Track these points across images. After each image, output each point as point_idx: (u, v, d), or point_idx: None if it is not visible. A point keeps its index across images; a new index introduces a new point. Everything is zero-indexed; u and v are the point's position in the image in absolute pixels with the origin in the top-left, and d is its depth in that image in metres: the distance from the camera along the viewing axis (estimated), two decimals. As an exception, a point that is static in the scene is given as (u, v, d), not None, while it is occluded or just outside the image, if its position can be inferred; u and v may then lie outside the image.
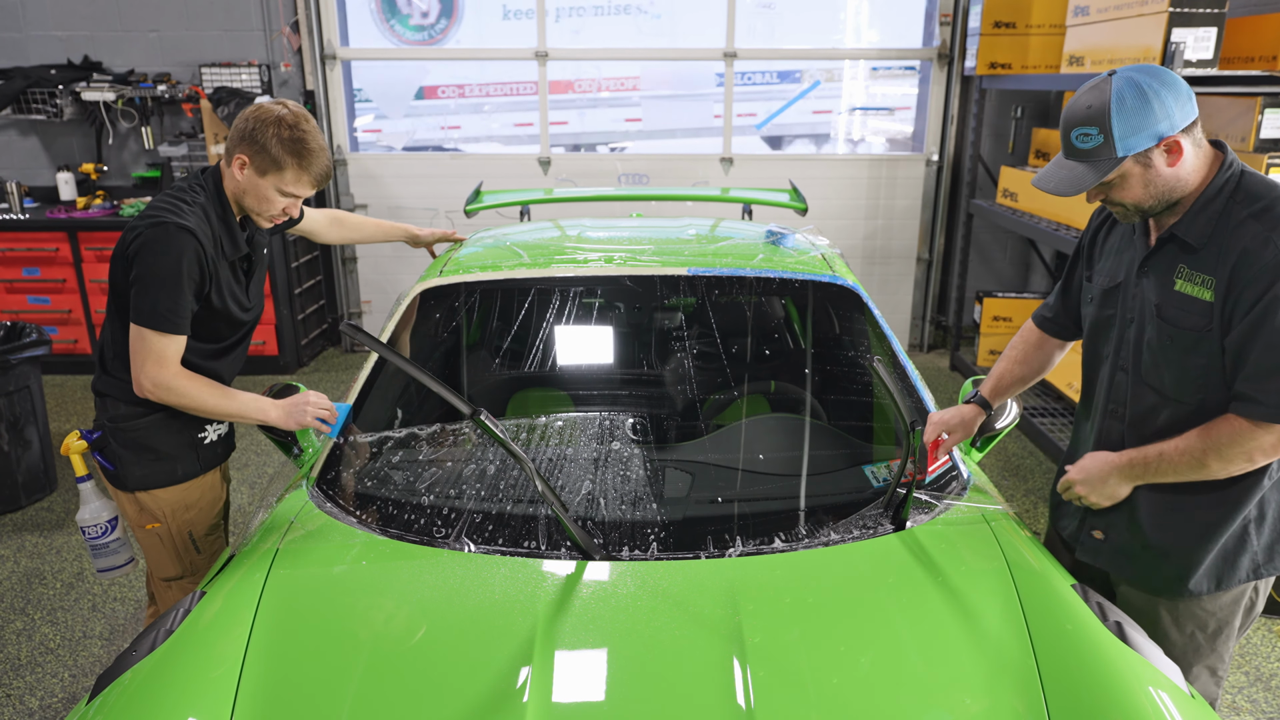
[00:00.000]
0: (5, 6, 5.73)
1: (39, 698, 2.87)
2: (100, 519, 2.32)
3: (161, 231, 2.04)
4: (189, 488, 2.30)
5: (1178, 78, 1.68)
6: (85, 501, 2.32)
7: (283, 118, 2.08)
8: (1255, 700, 2.87)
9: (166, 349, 2.08)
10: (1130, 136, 1.65)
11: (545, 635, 1.59)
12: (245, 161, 2.11)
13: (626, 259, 2.61)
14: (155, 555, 2.34)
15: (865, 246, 6.34)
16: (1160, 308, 1.78)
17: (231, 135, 2.12)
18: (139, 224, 2.08)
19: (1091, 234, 2.04)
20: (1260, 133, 3.59)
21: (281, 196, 2.15)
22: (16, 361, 3.90)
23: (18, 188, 5.69)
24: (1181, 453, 1.75)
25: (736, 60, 6.03)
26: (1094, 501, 1.89)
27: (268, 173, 2.10)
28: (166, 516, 2.28)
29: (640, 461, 2.13)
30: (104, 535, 2.33)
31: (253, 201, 2.16)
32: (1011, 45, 5.19)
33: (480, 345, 2.82)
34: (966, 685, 1.53)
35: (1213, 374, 1.73)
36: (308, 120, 2.12)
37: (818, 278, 2.59)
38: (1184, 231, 1.74)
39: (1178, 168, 1.70)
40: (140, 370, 2.08)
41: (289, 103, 2.15)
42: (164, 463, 2.25)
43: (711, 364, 2.62)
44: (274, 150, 2.07)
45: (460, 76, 7.13)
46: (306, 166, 2.11)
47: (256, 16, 5.79)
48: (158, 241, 2.04)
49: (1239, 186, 1.72)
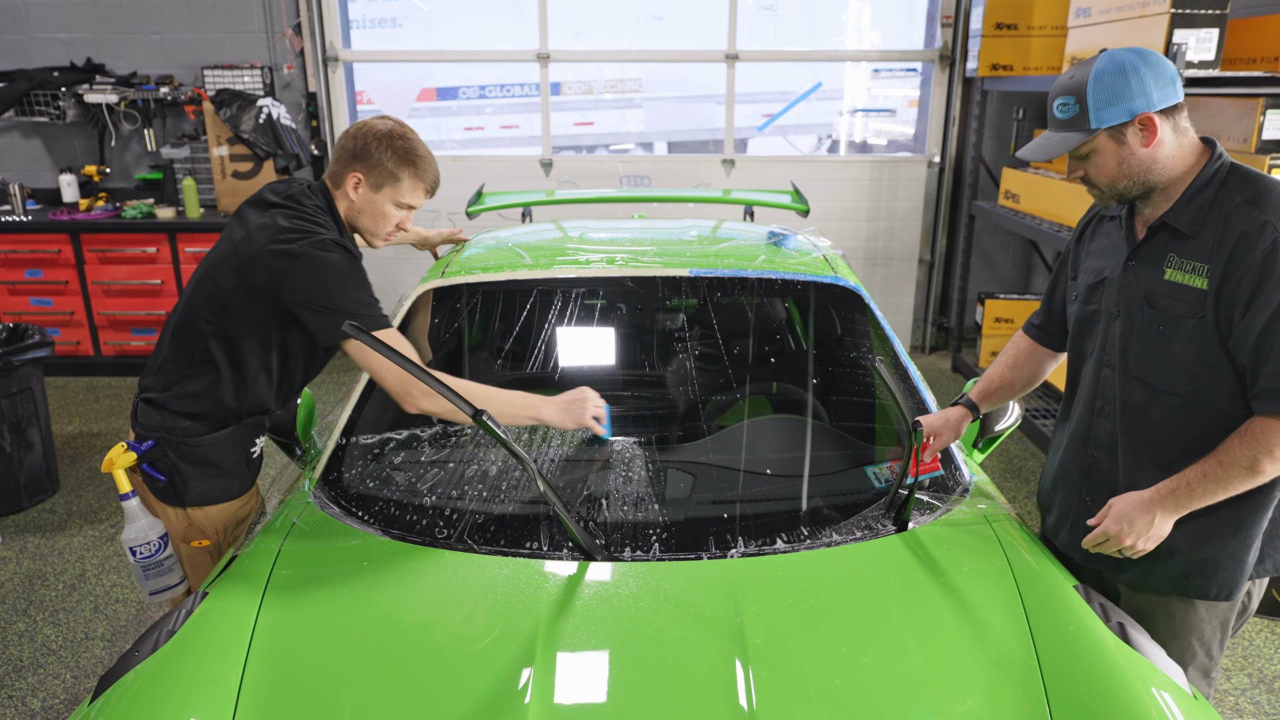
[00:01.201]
0: (8, 9, 5.74)
1: (41, 699, 2.88)
2: (150, 537, 2.12)
3: (320, 246, 1.96)
4: (241, 503, 2.24)
5: (1165, 60, 1.70)
6: (131, 520, 2.11)
7: (391, 130, 2.07)
8: (1259, 702, 2.86)
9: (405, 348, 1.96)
10: (1104, 108, 1.67)
11: (547, 636, 1.59)
12: (360, 179, 2.08)
13: (628, 260, 2.61)
14: (197, 572, 2.24)
15: (867, 248, 6.34)
16: (1150, 297, 1.77)
17: (337, 158, 2.10)
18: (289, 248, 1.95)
19: (1077, 236, 2.04)
20: (1262, 134, 3.59)
21: (397, 210, 2.12)
22: (19, 363, 3.91)
23: (20, 189, 5.70)
24: (1228, 466, 1.69)
25: (738, 62, 6.03)
26: (1141, 548, 1.76)
27: (384, 186, 2.08)
28: (219, 533, 2.21)
29: (642, 462, 2.13)
30: (157, 554, 2.13)
31: (369, 221, 2.13)
32: (1013, 47, 5.19)
33: (482, 346, 2.82)
34: (968, 686, 1.53)
35: (1204, 363, 1.72)
36: (410, 130, 2.12)
37: (819, 279, 2.59)
38: (1175, 219, 1.74)
39: (1153, 149, 1.70)
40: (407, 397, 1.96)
41: (389, 116, 2.13)
42: (224, 478, 2.18)
43: (713, 365, 2.62)
44: (388, 163, 2.06)
45: (463, 78, 7.14)
46: (422, 175, 2.10)
47: (259, 19, 5.80)
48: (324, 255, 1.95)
49: (1230, 176, 1.73)
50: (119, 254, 5.59)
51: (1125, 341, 1.83)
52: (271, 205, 2.08)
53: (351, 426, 2.29)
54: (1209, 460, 1.71)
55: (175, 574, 2.19)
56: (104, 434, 5.04)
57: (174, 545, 2.20)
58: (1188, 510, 1.74)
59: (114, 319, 5.73)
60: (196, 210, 5.75)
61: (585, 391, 2.10)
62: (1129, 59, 1.68)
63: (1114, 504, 1.80)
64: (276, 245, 1.98)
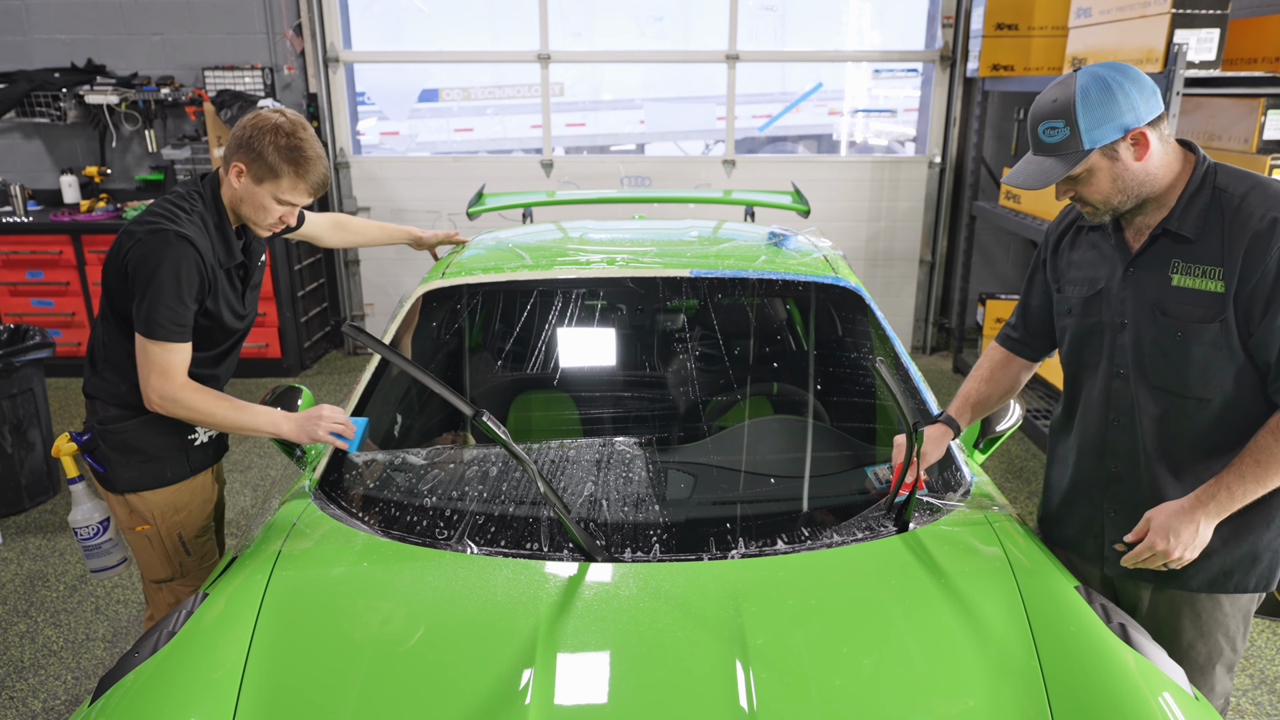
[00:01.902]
0: (9, 10, 5.75)
1: (42, 700, 2.88)
2: (92, 520, 2.31)
3: (161, 239, 2.02)
4: (179, 490, 2.28)
5: (1141, 73, 1.69)
6: (77, 503, 2.31)
7: (280, 125, 2.07)
8: (1260, 704, 2.86)
9: (171, 360, 2.06)
10: (1096, 128, 1.66)
11: (547, 637, 1.59)
12: (242, 169, 2.10)
13: (629, 261, 2.61)
14: (145, 557, 2.33)
15: (868, 248, 6.34)
16: (1162, 305, 1.76)
17: (229, 143, 2.12)
18: (136, 229, 2.06)
19: (1052, 247, 2.02)
20: (1263, 134, 3.59)
21: (278, 205, 2.14)
22: (20, 364, 3.91)
23: (21, 191, 5.70)
24: (1266, 464, 1.68)
25: (739, 62, 6.03)
26: (1187, 559, 1.73)
27: (264, 180, 2.09)
28: (156, 518, 2.27)
29: (643, 463, 2.13)
30: (96, 536, 2.33)
31: (249, 210, 2.15)
32: (1014, 47, 5.19)
33: (483, 347, 2.82)
34: (969, 687, 1.52)
35: (1230, 365, 1.72)
36: (305, 128, 2.11)
37: (820, 279, 2.59)
38: (1177, 225, 1.73)
39: (1145, 161, 1.70)
40: (146, 384, 2.06)
41: (286, 110, 2.14)
42: (152, 465, 2.24)
43: (714, 365, 2.62)
44: (270, 158, 2.06)
45: (463, 79, 7.14)
46: (303, 175, 2.10)
47: (260, 20, 5.81)
48: (157, 249, 2.02)
49: (1218, 176, 1.73)
50: (120, 255, 5.59)
51: (1139, 351, 1.81)
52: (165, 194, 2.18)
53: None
54: (1244, 461, 1.70)
55: (114, 556, 2.38)
56: (105, 435, 5.03)
57: (121, 530, 2.35)
58: (1229, 513, 1.73)
59: (115, 320, 5.73)
60: (197, 211, 5.75)
61: (322, 408, 2.16)
62: (1111, 75, 1.67)
63: (1152, 517, 1.76)
64: (132, 227, 2.07)
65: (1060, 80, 1.72)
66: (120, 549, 2.41)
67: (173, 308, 2.03)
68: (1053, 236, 2.03)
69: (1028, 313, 2.10)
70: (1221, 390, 1.74)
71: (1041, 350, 2.12)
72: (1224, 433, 1.77)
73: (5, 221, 5.54)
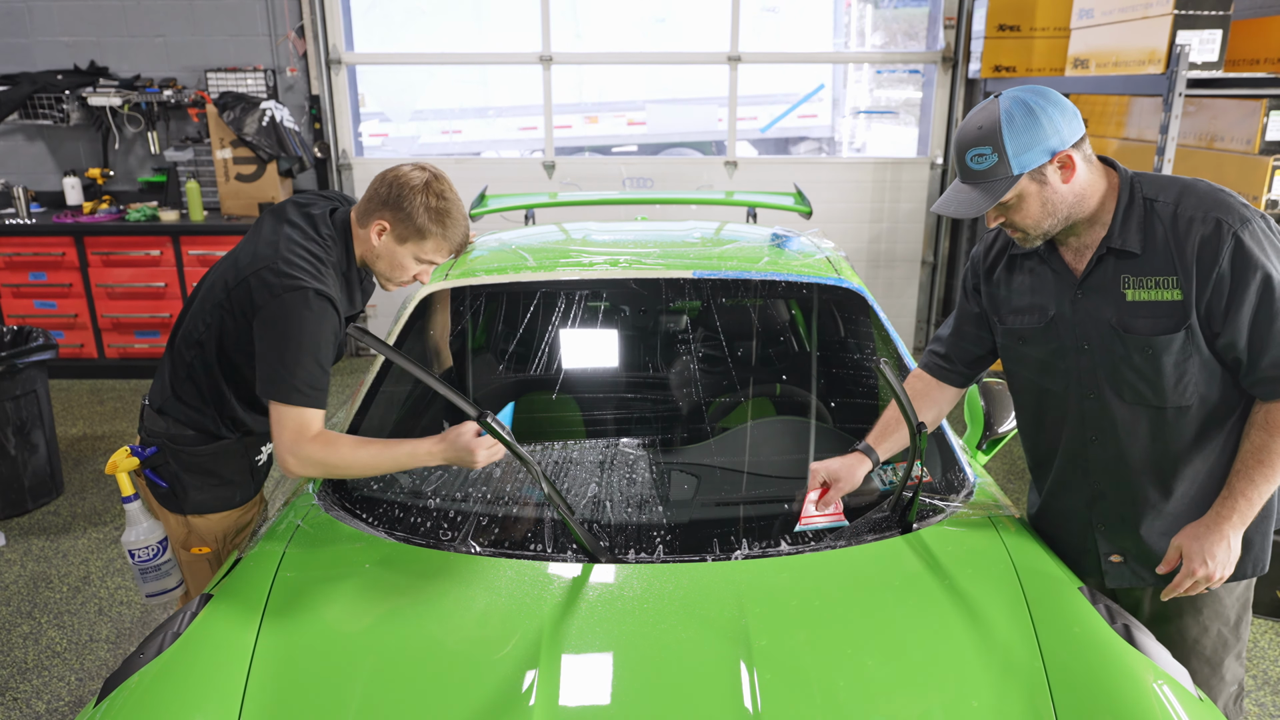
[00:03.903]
0: (12, 12, 5.76)
1: (46, 701, 2.88)
2: (151, 541, 2.14)
3: (302, 298, 1.86)
4: (242, 511, 2.22)
5: (1060, 95, 1.69)
6: (132, 523, 2.13)
7: (430, 185, 1.97)
8: (1263, 704, 2.86)
9: (310, 422, 1.87)
10: (1023, 153, 1.65)
11: (551, 638, 1.59)
12: (385, 228, 1.98)
13: (631, 262, 2.61)
14: (196, 578, 2.24)
15: (870, 250, 6.34)
16: (1124, 323, 1.73)
17: (369, 199, 2.00)
18: (270, 278, 1.87)
19: (984, 275, 1.97)
20: (1266, 135, 3.58)
21: (417, 264, 2.03)
22: (23, 366, 3.92)
23: (24, 192, 5.71)
24: (1270, 462, 1.68)
25: (740, 64, 6.03)
26: (1225, 576, 1.72)
27: (408, 240, 1.98)
28: (217, 540, 2.20)
29: (646, 464, 2.13)
30: (155, 557, 2.16)
31: (385, 267, 2.04)
32: (1016, 48, 5.19)
33: (486, 348, 2.83)
34: (973, 688, 1.52)
35: (1202, 368, 1.72)
36: (449, 185, 2.01)
37: (823, 280, 2.59)
38: (1121, 243, 1.72)
39: (1073, 184, 1.70)
40: (283, 447, 1.86)
41: (429, 166, 2.03)
42: (225, 488, 2.16)
43: (717, 367, 2.62)
44: (420, 219, 1.95)
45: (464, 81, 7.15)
46: (449, 236, 2.00)
47: (262, 21, 5.81)
48: (299, 308, 1.86)
49: (1145, 185, 1.74)
50: (123, 257, 5.60)
51: (1108, 372, 1.78)
52: (289, 222, 2.01)
53: (356, 429, 2.29)
54: (1247, 463, 1.70)
55: (173, 578, 2.21)
56: (108, 436, 5.04)
57: (174, 550, 2.20)
58: (1251, 519, 1.72)
59: (118, 322, 5.74)
60: (200, 213, 5.76)
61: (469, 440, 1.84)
62: (1033, 100, 1.66)
63: (1183, 545, 1.74)
64: (267, 274, 1.89)
65: (982, 107, 1.71)
66: (178, 570, 2.23)
67: (311, 373, 1.86)
68: (982, 264, 1.99)
69: (960, 340, 2.04)
70: (1198, 394, 1.74)
71: (969, 377, 2.08)
72: (1206, 435, 1.77)
73: (8, 223, 5.55)
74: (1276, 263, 1.65)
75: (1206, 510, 1.79)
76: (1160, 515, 1.84)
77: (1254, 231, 1.65)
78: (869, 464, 2.01)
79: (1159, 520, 1.84)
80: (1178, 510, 1.83)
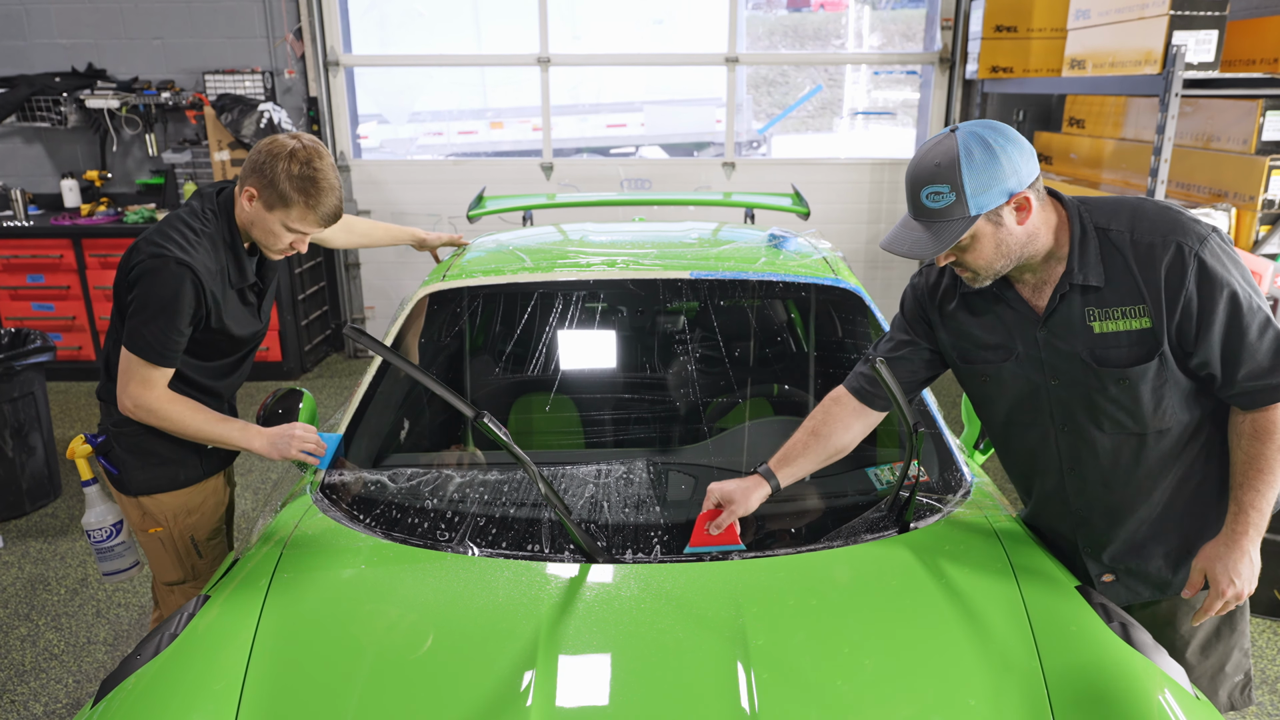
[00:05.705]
0: (10, 15, 5.76)
1: (43, 703, 2.88)
2: (105, 523, 2.34)
3: (160, 264, 2.02)
4: (191, 492, 2.29)
5: (1017, 132, 1.65)
6: (90, 505, 2.33)
7: (295, 152, 2.03)
8: (1261, 703, 2.86)
9: (151, 376, 2.07)
10: (981, 194, 1.60)
11: (549, 639, 1.59)
12: (254, 194, 2.07)
13: (629, 263, 2.61)
14: (158, 559, 2.34)
15: (868, 250, 6.34)
16: (1096, 356, 1.71)
17: (244, 166, 2.09)
18: (143, 248, 2.06)
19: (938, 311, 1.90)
20: (1262, 135, 3.59)
21: (288, 232, 2.11)
22: (21, 368, 3.91)
23: (22, 195, 5.71)
24: (1269, 470, 1.68)
25: (738, 65, 6.04)
26: (1252, 590, 1.72)
27: (275, 208, 2.06)
28: (168, 521, 2.28)
29: (644, 464, 2.13)
30: (109, 539, 2.35)
31: (259, 234, 2.13)
32: (1013, 49, 5.20)
33: (484, 349, 2.83)
34: (971, 688, 1.52)
35: (1180, 391, 1.72)
36: (321, 156, 2.06)
37: (820, 281, 2.59)
38: (1083, 279, 1.69)
39: (1027, 225, 1.66)
40: (124, 390, 2.08)
41: (304, 136, 2.09)
42: (166, 467, 2.25)
43: (714, 367, 2.62)
44: (283, 186, 2.03)
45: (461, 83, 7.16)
46: (314, 205, 2.06)
47: (260, 24, 5.82)
48: (156, 273, 2.02)
49: (1094, 217, 1.71)
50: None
51: (1082, 405, 1.76)
52: (184, 206, 2.18)
53: (353, 429, 2.29)
54: (1246, 475, 1.70)
55: (126, 559, 2.40)
56: (106, 438, 5.04)
57: (134, 532, 2.36)
58: (1265, 528, 1.72)
59: (116, 324, 5.74)
60: (198, 215, 5.76)
61: (294, 427, 2.15)
62: (992, 137, 1.60)
63: (1206, 568, 1.73)
64: (142, 245, 2.07)
65: (938, 140, 1.65)
66: (133, 552, 2.42)
67: (164, 332, 2.04)
68: (931, 299, 1.91)
69: (896, 366, 1.94)
70: (1176, 417, 1.74)
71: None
72: (1184, 447, 1.77)
73: (6, 225, 5.55)
74: (1237, 275, 1.64)
75: (1188, 511, 1.80)
76: (1144, 523, 1.84)
77: (1212, 249, 1.63)
78: (768, 489, 1.92)
79: (1143, 527, 1.84)
80: (1159, 516, 1.83)
